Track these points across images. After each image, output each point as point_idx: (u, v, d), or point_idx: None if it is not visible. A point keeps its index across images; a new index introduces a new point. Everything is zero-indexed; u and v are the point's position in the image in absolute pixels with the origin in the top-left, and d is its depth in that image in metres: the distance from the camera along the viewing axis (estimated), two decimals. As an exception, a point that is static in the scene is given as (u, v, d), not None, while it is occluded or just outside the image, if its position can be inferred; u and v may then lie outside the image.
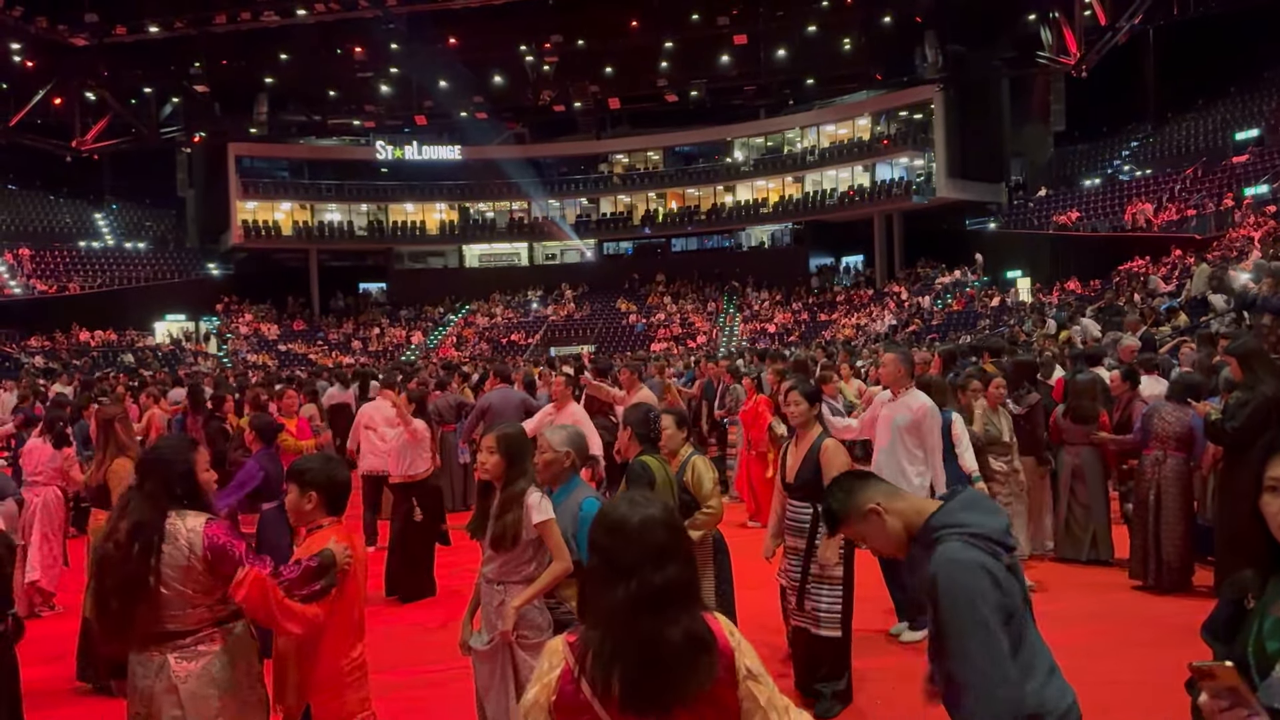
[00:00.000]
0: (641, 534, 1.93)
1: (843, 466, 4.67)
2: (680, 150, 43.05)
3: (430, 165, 42.16)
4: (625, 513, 1.97)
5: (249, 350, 36.41)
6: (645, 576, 1.89)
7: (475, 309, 41.62)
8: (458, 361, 24.56)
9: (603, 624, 1.90)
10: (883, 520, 2.34)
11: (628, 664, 1.85)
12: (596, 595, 1.93)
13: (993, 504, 2.39)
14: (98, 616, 3.10)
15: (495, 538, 3.66)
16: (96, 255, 39.94)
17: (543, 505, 3.65)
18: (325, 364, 32.21)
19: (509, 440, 3.73)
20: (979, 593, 2.13)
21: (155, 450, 3.27)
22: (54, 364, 29.87)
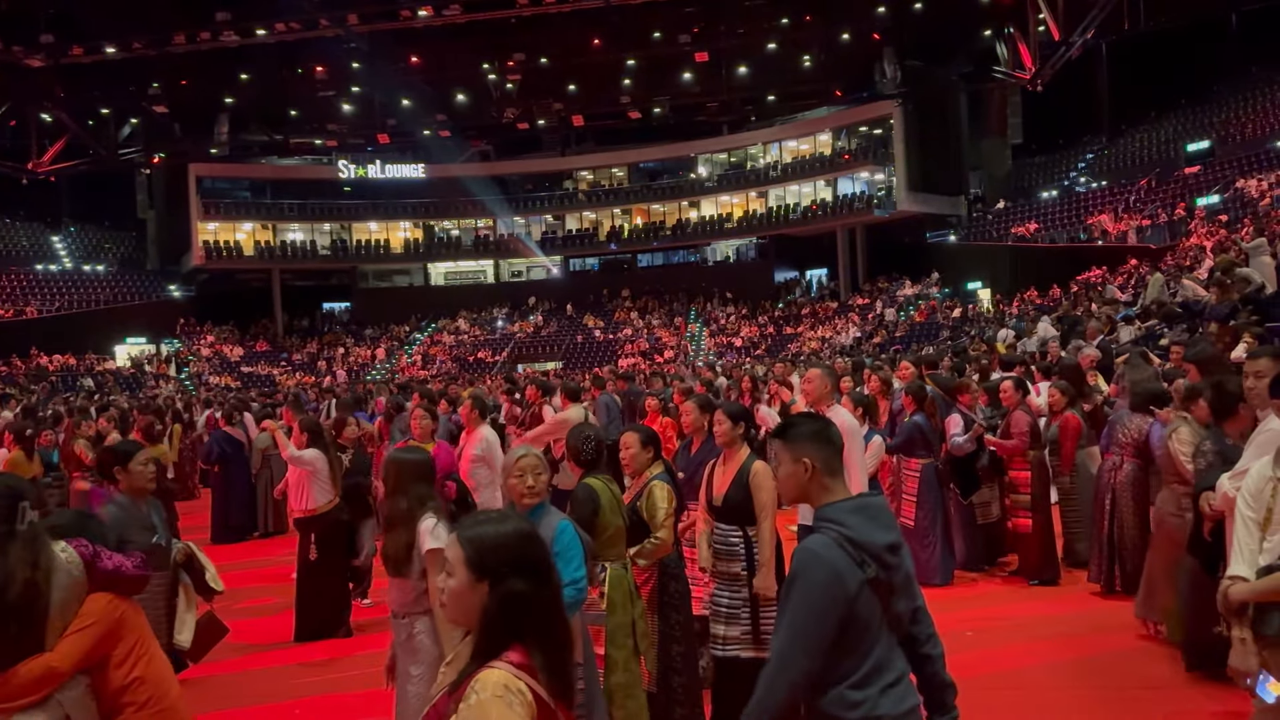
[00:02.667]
0: (540, 543, 2.04)
1: (773, 491, 4.53)
2: (644, 166, 43.27)
3: (394, 184, 42.01)
4: (521, 525, 2.03)
5: (211, 372, 35.97)
6: (554, 580, 2.03)
7: (442, 327, 41.45)
8: (421, 380, 24.43)
9: (547, 633, 1.93)
10: (804, 474, 2.50)
11: (568, 664, 1.99)
12: (529, 609, 1.92)
13: (886, 518, 2.46)
14: None
15: (386, 558, 3.66)
16: (55, 278, 39.32)
17: (436, 532, 3.54)
18: (288, 385, 31.91)
19: (403, 466, 3.83)
20: (819, 586, 2.29)
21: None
22: (10, 389, 29.32)
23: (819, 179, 39.15)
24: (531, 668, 1.88)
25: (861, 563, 2.31)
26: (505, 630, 1.90)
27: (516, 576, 1.91)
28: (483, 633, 1.91)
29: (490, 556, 1.92)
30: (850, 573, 2.30)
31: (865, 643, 2.33)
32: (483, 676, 1.84)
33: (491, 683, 1.83)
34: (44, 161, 39.51)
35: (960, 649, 6.01)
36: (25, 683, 2.79)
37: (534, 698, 1.84)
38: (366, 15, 34.76)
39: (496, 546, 1.93)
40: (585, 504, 4.13)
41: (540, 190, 43.48)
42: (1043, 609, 6.87)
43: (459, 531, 1.98)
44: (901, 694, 2.38)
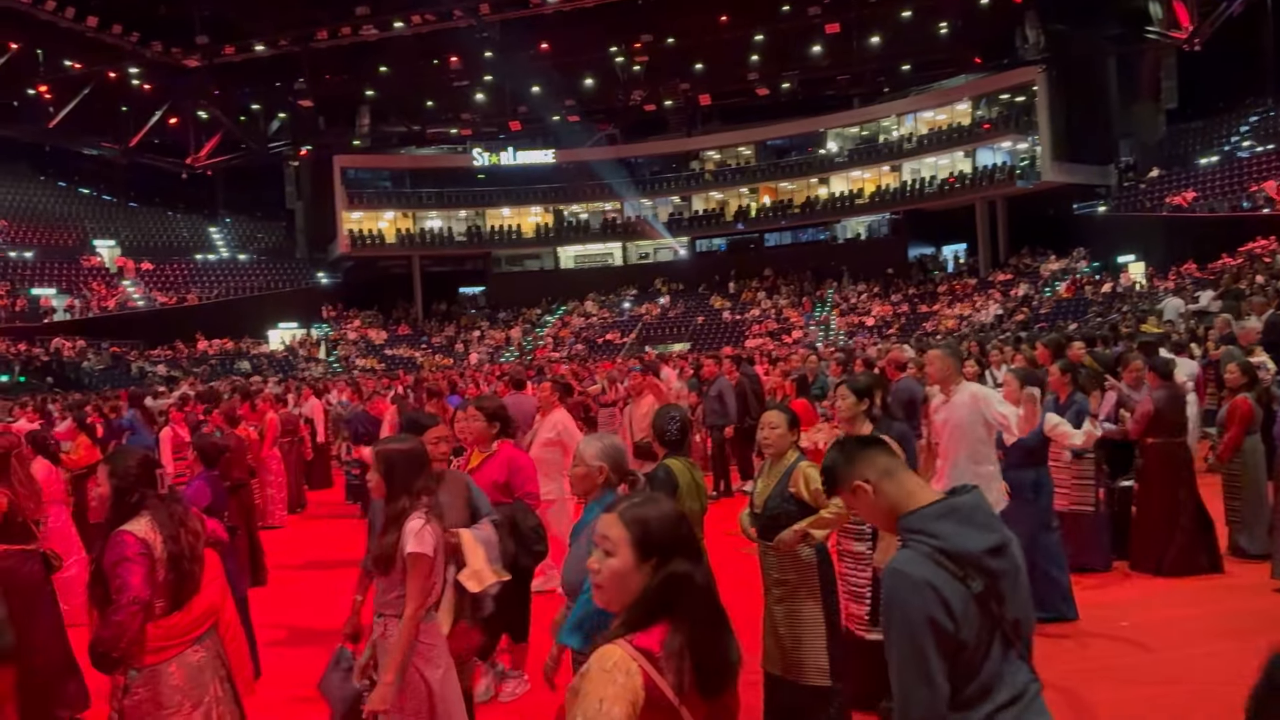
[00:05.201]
0: (689, 525, 2.03)
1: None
2: (772, 144, 42.70)
3: (524, 170, 42.85)
4: (672, 507, 2.05)
5: (358, 355, 37.62)
6: (706, 564, 2.00)
7: (571, 309, 42.10)
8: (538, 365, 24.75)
9: (695, 615, 1.93)
10: (870, 497, 2.27)
11: (721, 649, 1.94)
12: (683, 593, 1.94)
13: (981, 517, 2.17)
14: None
15: (374, 559, 3.47)
16: (212, 267, 41.91)
17: (421, 535, 3.38)
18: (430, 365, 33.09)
19: (388, 457, 3.52)
20: (914, 609, 2.02)
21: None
22: (175, 372, 31.44)
23: (956, 150, 37.79)
24: (656, 653, 1.87)
25: (964, 577, 2.04)
26: (657, 609, 1.92)
27: (680, 557, 1.95)
28: (633, 610, 1.94)
29: (655, 537, 1.96)
30: (951, 589, 2.03)
31: (968, 661, 2.04)
32: (603, 649, 1.89)
33: (605, 656, 1.87)
34: (201, 157, 42.04)
35: (1124, 646, 5.72)
36: (198, 615, 3.30)
37: (645, 682, 1.84)
38: (498, 4, 35.49)
39: (660, 527, 1.98)
40: (663, 485, 3.99)
41: (667, 172, 43.52)
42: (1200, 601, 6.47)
43: (620, 513, 2.02)
44: (1018, 715, 2.07)
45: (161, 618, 3.19)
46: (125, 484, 3.26)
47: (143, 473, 3.31)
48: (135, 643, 3.12)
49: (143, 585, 3.10)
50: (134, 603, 3.07)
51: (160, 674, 3.19)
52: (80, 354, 31.08)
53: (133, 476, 3.28)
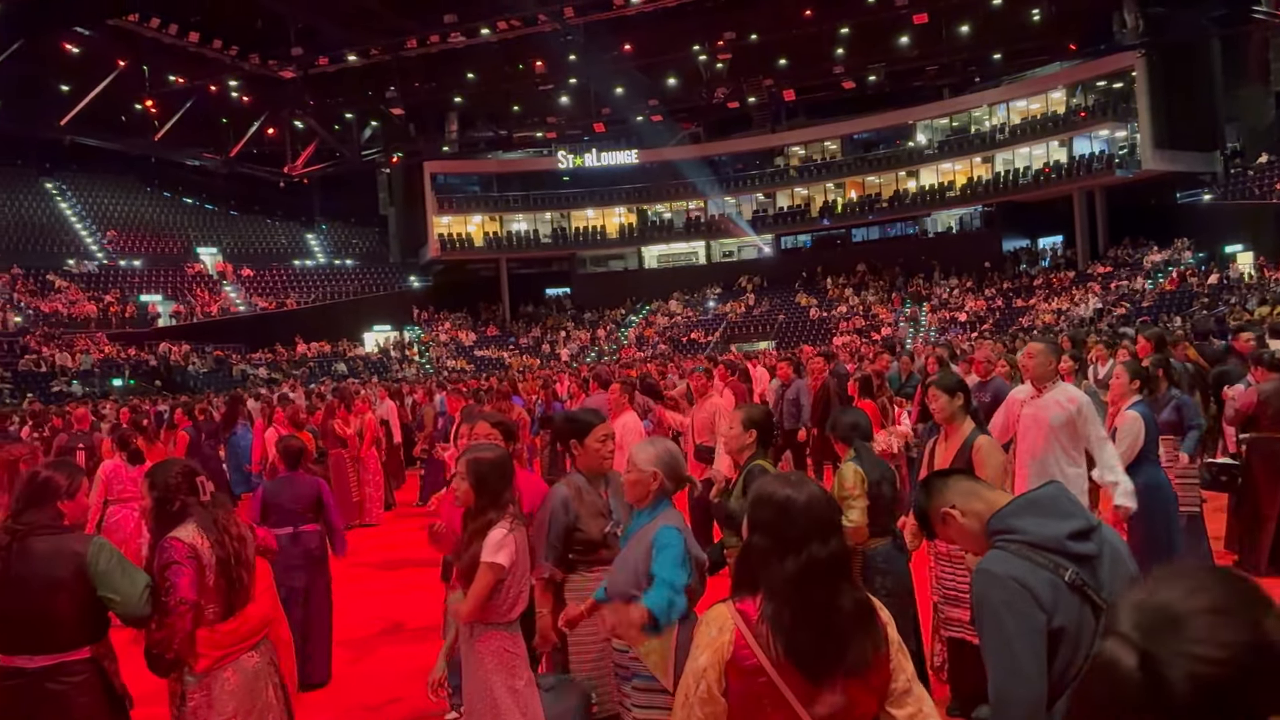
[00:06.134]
0: (809, 511, 2.09)
1: (999, 467, 4.33)
2: (859, 138, 42.06)
3: (608, 171, 43.11)
4: (790, 492, 2.12)
5: (448, 356, 38.38)
6: (814, 550, 2.05)
7: (655, 309, 42.18)
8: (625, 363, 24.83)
9: (778, 594, 2.04)
10: (959, 523, 2.28)
11: (809, 632, 2.00)
12: (764, 568, 2.08)
13: (1063, 505, 2.17)
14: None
15: (461, 573, 3.41)
16: (310, 273, 43.29)
17: (501, 546, 3.31)
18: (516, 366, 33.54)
19: (478, 467, 3.44)
20: (1004, 606, 2.05)
21: None
22: (276, 375, 32.55)
23: (1051, 140, 36.63)
24: (751, 617, 2.04)
25: (1053, 566, 2.04)
26: (744, 578, 2.12)
27: (759, 532, 2.12)
28: (733, 576, 2.20)
29: (752, 511, 2.17)
30: (1037, 579, 2.03)
31: (1068, 653, 2.03)
32: (713, 607, 2.13)
33: (711, 610, 2.12)
34: (297, 166, 43.41)
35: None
36: (255, 623, 3.36)
37: (736, 640, 2.03)
38: (582, 7, 35.70)
39: (757, 502, 2.17)
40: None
41: (750, 169, 43.25)
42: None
43: (757, 488, 2.26)
44: None
45: (216, 623, 3.24)
46: (165, 494, 3.32)
47: (184, 482, 3.37)
48: (187, 645, 3.17)
49: (190, 587, 3.15)
50: (182, 604, 3.12)
51: (216, 680, 3.25)
52: (185, 358, 32.40)
53: (173, 486, 3.34)
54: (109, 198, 42.64)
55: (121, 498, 7.46)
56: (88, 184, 42.14)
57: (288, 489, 5.82)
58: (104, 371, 29.23)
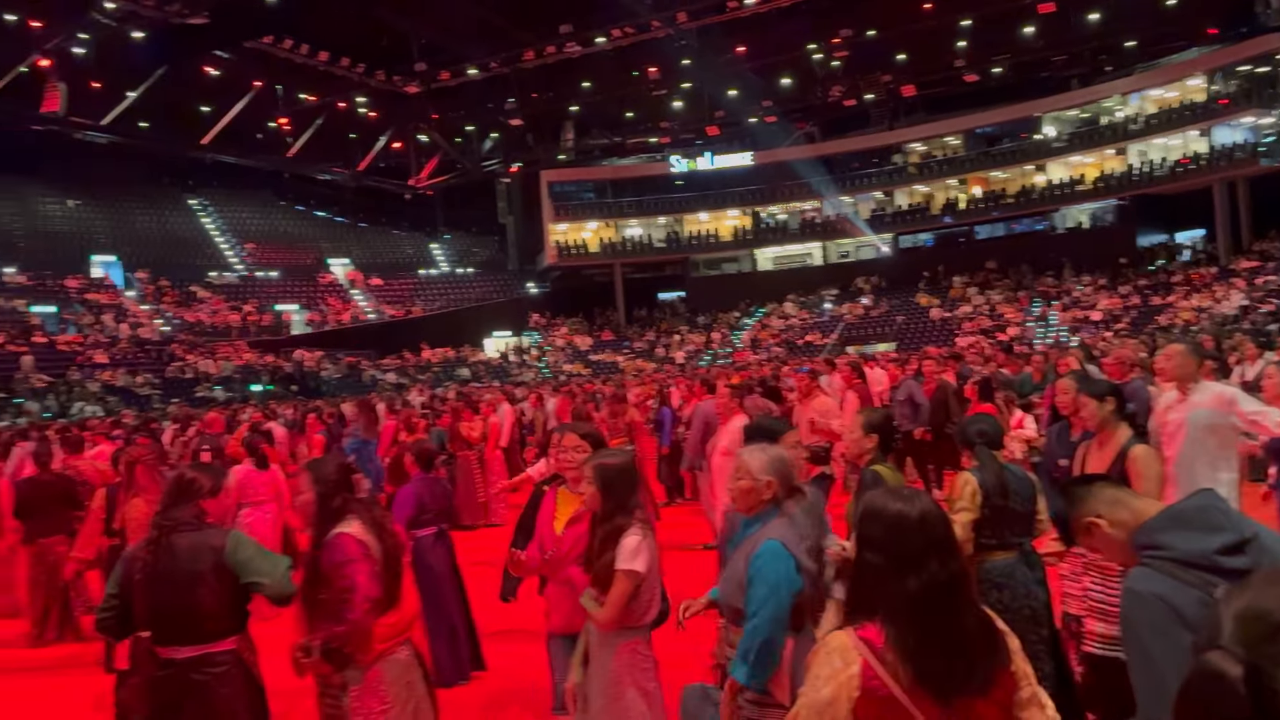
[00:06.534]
0: (923, 527, 2.02)
1: (1156, 478, 4.11)
2: (981, 132, 40.72)
3: (721, 174, 43.02)
4: (902, 507, 2.04)
5: (565, 361, 38.97)
6: (934, 569, 1.98)
7: (770, 311, 41.82)
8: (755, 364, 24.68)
9: (900, 617, 1.96)
10: (1105, 534, 2.16)
11: (937, 655, 1.93)
12: (881, 589, 1.99)
13: (1212, 518, 2.02)
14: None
15: (595, 580, 3.38)
16: (434, 281, 44.77)
17: (637, 552, 3.30)
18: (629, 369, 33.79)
19: (605, 472, 3.42)
20: (1146, 626, 1.95)
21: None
22: (403, 379, 33.69)
23: (1190, 129, 34.64)
24: (878, 645, 1.94)
25: (1202, 584, 1.92)
26: (860, 602, 2.02)
27: (871, 550, 2.03)
28: (848, 601, 2.09)
29: (862, 526, 2.08)
30: (1184, 597, 1.92)
31: None
32: (832, 634, 2.02)
33: (831, 640, 2.01)
34: (422, 178, 44.89)
35: None
36: (408, 616, 3.48)
37: (865, 671, 1.93)
38: (695, 11, 35.74)
39: (868, 518, 2.08)
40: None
41: (868, 167, 42.43)
42: None
43: (866, 500, 2.14)
44: None
45: (380, 617, 3.33)
46: (327, 489, 3.42)
47: (341, 478, 3.48)
48: (363, 640, 3.27)
49: (371, 583, 3.24)
50: (366, 600, 3.21)
51: (377, 671, 3.34)
52: (319, 364, 33.85)
53: (332, 482, 3.44)
54: (247, 213, 45.01)
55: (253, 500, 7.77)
56: (227, 200, 44.58)
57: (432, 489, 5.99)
58: (244, 377, 30.81)
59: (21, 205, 38.36)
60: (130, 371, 28.63)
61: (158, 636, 3.30)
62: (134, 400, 26.24)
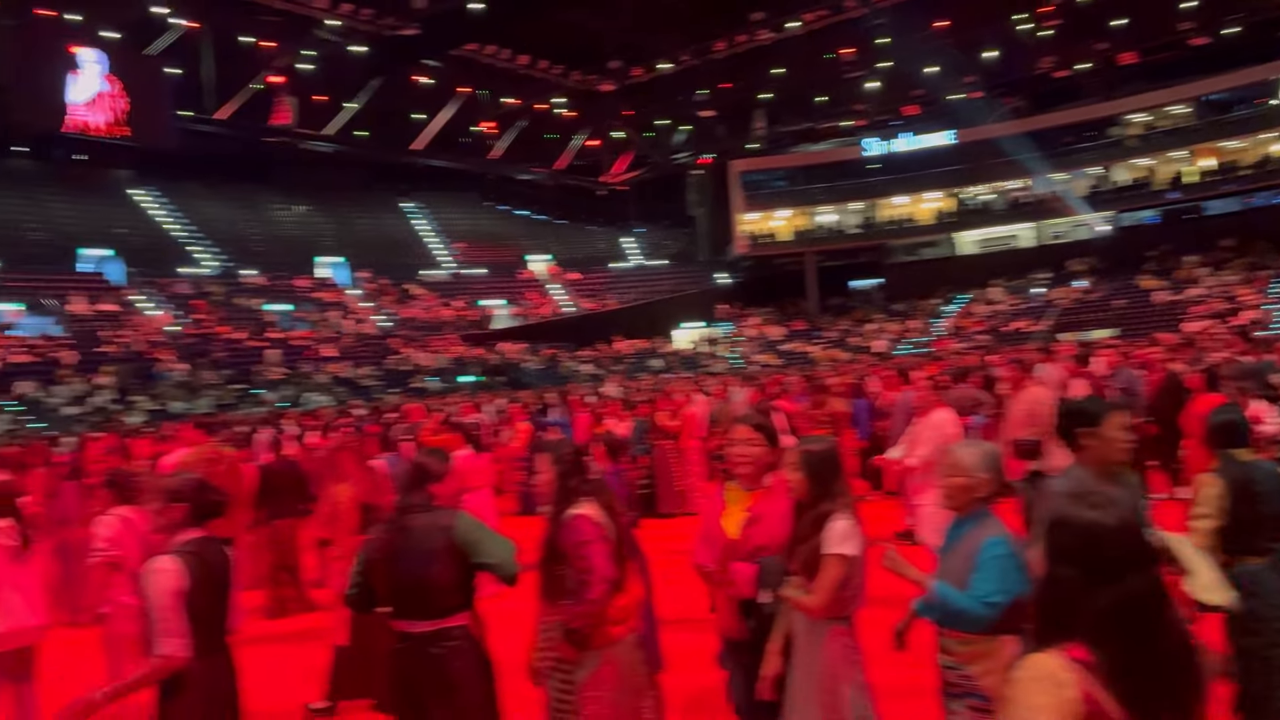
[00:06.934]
0: (1120, 537, 1.87)
1: None
2: (1211, 99, 37.20)
3: (919, 155, 41.48)
4: (1097, 516, 1.88)
5: (756, 351, 38.80)
6: (1133, 582, 1.84)
7: (973, 297, 39.97)
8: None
9: (1101, 634, 1.82)
10: None
11: (1145, 674, 1.81)
12: (1077, 604, 1.85)
13: None
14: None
15: (802, 564, 3.34)
16: (627, 275, 45.69)
17: (848, 536, 3.28)
18: (823, 359, 33.20)
19: (810, 458, 3.41)
20: None
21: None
22: (599, 371, 34.58)
23: None
24: (1090, 665, 1.80)
25: None
26: (1053, 613, 1.86)
27: (1064, 562, 1.87)
28: (1039, 621, 1.91)
29: (1052, 535, 1.92)
30: None
31: None
32: (1033, 657, 1.85)
33: (1035, 664, 1.83)
34: (615, 174, 45.84)
35: None
36: (638, 599, 3.53)
37: (1083, 695, 1.78)
38: (889, -12, 34.71)
39: (1058, 527, 1.91)
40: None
41: (1081, 142, 39.67)
42: None
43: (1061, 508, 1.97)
44: None
45: (615, 595, 3.42)
46: (565, 469, 3.56)
47: (578, 460, 3.62)
48: (602, 621, 3.37)
49: (609, 565, 3.35)
50: (604, 582, 3.32)
51: (613, 653, 3.43)
52: (521, 356, 35.27)
53: (570, 463, 3.58)
54: (455, 214, 47.44)
55: (472, 485, 8.16)
56: (437, 202, 47.15)
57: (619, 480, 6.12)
58: (455, 369, 32.55)
59: (256, 212, 42.01)
60: (354, 364, 30.87)
61: (397, 611, 3.51)
62: (358, 391, 28.27)
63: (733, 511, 3.71)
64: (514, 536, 3.65)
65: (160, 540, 3.68)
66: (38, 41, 31.46)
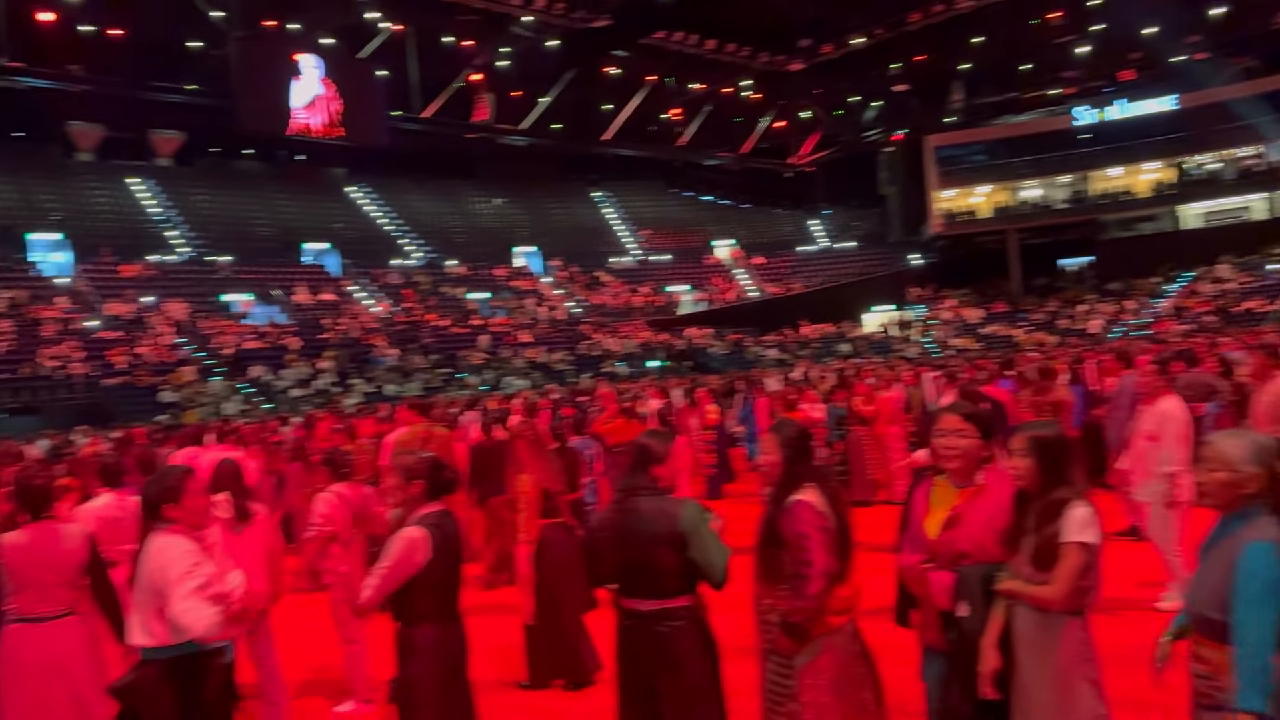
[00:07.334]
0: None
1: None
2: None
3: (1135, 123, 38.40)
4: None
5: (952, 335, 37.21)
6: None
7: (1198, 275, 36.70)
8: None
9: None
10: None
11: None
12: None
13: None
14: None
15: (1035, 554, 3.15)
16: (813, 258, 44.91)
17: (1089, 524, 3.10)
18: (1027, 343, 31.40)
19: (1043, 444, 3.22)
20: None
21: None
22: (784, 356, 34.17)
23: None
24: None
25: None
26: None
27: None
28: None
29: None
30: None
31: None
32: None
33: None
34: (802, 155, 45.10)
35: None
36: (856, 589, 3.44)
37: None
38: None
39: None
40: None
41: (1325, 103, 35.61)
42: None
43: None
44: None
45: (833, 590, 3.32)
46: (791, 453, 3.47)
47: (802, 444, 3.52)
48: (821, 614, 3.29)
49: (829, 557, 3.26)
50: (823, 576, 3.24)
51: (833, 642, 3.33)
52: (707, 342, 35.37)
53: (796, 446, 3.49)
54: (641, 202, 48.09)
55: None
56: (624, 191, 47.95)
57: None
58: (643, 354, 33.05)
59: (458, 205, 44.12)
60: (548, 349, 31.93)
61: (623, 589, 3.63)
62: (553, 375, 29.22)
63: (937, 509, 3.47)
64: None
65: (379, 514, 3.97)
66: (264, 51, 34.14)
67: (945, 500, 3.46)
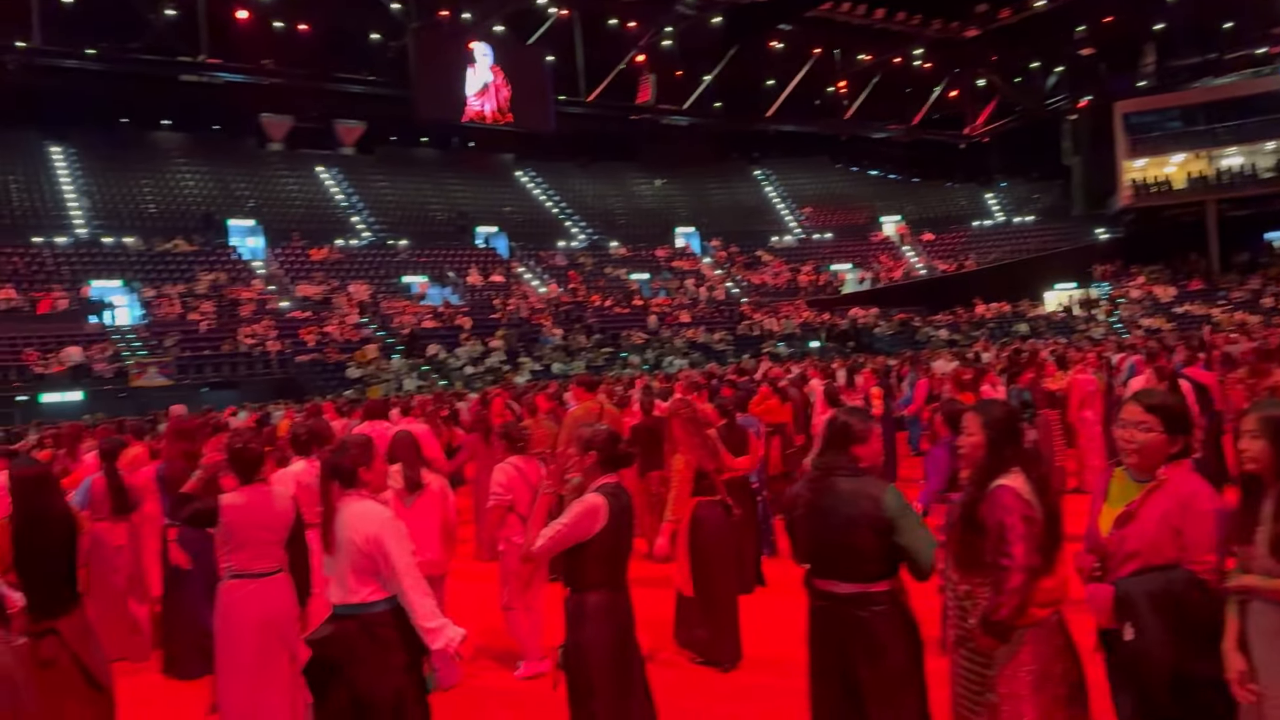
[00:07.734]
0: None
1: None
2: None
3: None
4: None
5: (1142, 314, 34.81)
6: None
7: None
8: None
9: None
10: None
11: None
12: None
13: None
14: None
15: (1274, 544, 2.87)
16: (988, 233, 42.89)
17: None
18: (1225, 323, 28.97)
19: (1277, 424, 2.93)
20: None
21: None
22: (956, 336, 32.86)
23: None
24: None
25: None
26: None
27: None
28: None
29: None
30: None
31: None
32: None
33: None
34: (977, 125, 43.13)
35: None
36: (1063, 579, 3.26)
37: None
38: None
39: None
40: None
41: None
42: None
43: None
44: None
45: (1039, 580, 3.12)
46: (997, 435, 3.24)
47: (1009, 425, 3.29)
48: (1023, 609, 3.09)
49: (1030, 551, 3.05)
50: (1023, 571, 3.04)
51: (1036, 634, 3.14)
52: (872, 321, 34.44)
53: (1003, 428, 3.26)
54: (804, 178, 47.24)
55: None
56: (786, 168, 47.22)
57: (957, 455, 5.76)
58: (804, 334, 32.54)
59: (620, 187, 44.61)
60: (709, 329, 31.91)
61: (816, 569, 3.57)
62: (712, 355, 29.19)
63: (1114, 503, 3.25)
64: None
65: (552, 485, 4.08)
66: (440, 41, 35.41)
67: (1123, 495, 3.25)
